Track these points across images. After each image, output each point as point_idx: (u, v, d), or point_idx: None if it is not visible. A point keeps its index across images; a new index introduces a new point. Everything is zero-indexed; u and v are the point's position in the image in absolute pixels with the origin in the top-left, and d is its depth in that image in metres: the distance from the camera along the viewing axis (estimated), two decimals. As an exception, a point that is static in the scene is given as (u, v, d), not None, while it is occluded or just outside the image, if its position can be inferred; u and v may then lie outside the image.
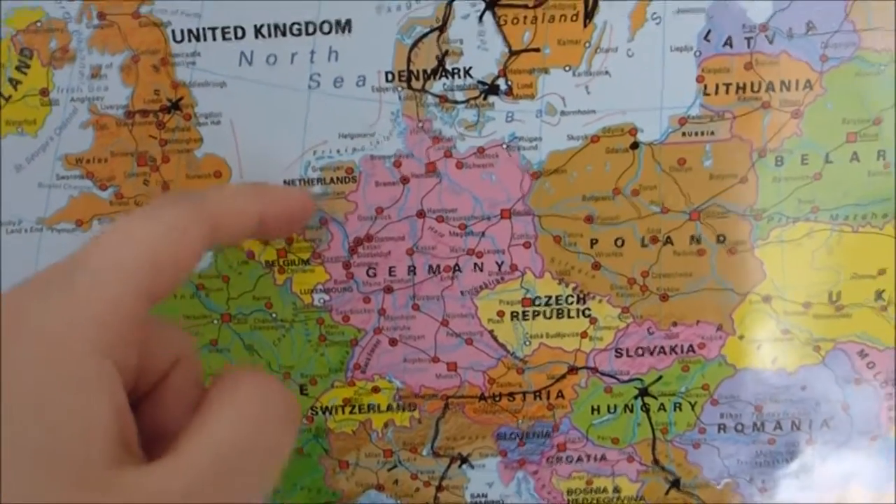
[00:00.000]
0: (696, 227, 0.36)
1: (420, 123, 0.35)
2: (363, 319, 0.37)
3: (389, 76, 0.35)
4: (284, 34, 0.35)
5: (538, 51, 0.35)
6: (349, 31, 0.35)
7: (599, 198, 0.36)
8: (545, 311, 0.37)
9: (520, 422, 0.38)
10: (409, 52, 0.35)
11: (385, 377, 0.38)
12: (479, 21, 0.34)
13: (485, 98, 0.35)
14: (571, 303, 0.37)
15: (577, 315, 0.37)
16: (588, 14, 0.34)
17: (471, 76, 0.35)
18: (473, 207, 0.36)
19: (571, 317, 0.37)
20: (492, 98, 0.35)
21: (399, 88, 0.35)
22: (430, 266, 0.36)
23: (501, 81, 0.35)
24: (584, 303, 0.37)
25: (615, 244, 0.36)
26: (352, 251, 0.36)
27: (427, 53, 0.35)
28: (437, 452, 0.39)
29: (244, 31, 0.35)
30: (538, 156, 0.35)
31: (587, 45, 0.34)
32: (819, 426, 0.38)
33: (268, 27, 0.35)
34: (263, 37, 0.35)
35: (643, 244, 0.36)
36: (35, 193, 0.36)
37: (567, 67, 0.35)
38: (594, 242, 0.36)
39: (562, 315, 0.37)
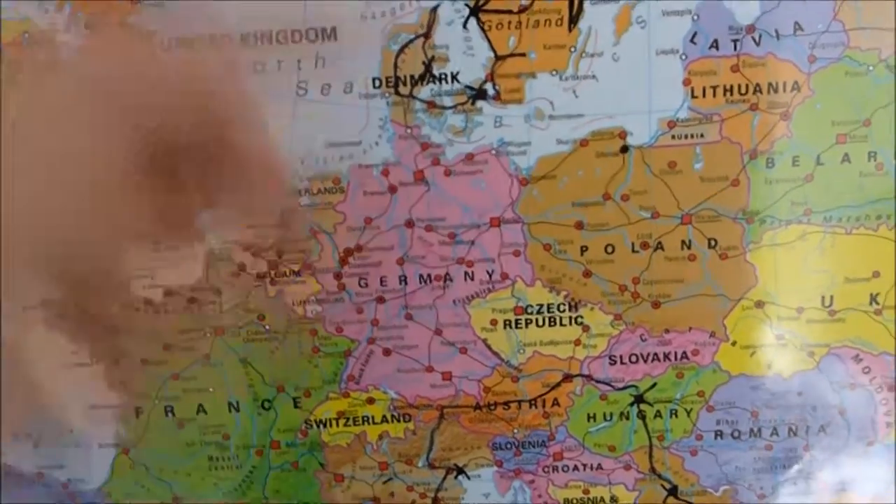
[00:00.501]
0: (688, 232, 0.35)
1: (408, 129, 0.35)
2: (356, 330, 0.37)
3: (377, 82, 0.35)
4: (271, 42, 0.35)
5: (524, 55, 0.34)
6: (335, 39, 0.35)
7: (589, 203, 0.35)
8: (537, 320, 0.37)
9: (516, 431, 0.38)
10: (396, 58, 0.35)
11: (380, 388, 0.38)
12: (464, 27, 0.34)
13: (473, 103, 0.35)
14: (563, 311, 0.36)
15: (570, 323, 0.36)
16: (572, 18, 0.34)
17: (458, 81, 0.35)
18: (462, 216, 0.36)
19: (564, 325, 0.37)
20: (480, 103, 0.35)
21: (387, 94, 0.35)
22: (421, 275, 0.36)
23: (489, 86, 0.35)
24: (577, 310, 0.36)
25: (606, 251, 0.36)
26: (342, 262, 0.36)
27: (414, 59, 0.35)
28: (433, 464, 0.38)
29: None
30: (527, 161, 0.35)
31: (573, 50, 0.34)
32: (816, 432, 0.37)
33: (254, 35, 0.35)
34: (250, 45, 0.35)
35: (634, 250, 0.36)
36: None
37: (554, 72, 0.34)
38: (584, 249, 0.36)
39: (554, 323, 0.37)
